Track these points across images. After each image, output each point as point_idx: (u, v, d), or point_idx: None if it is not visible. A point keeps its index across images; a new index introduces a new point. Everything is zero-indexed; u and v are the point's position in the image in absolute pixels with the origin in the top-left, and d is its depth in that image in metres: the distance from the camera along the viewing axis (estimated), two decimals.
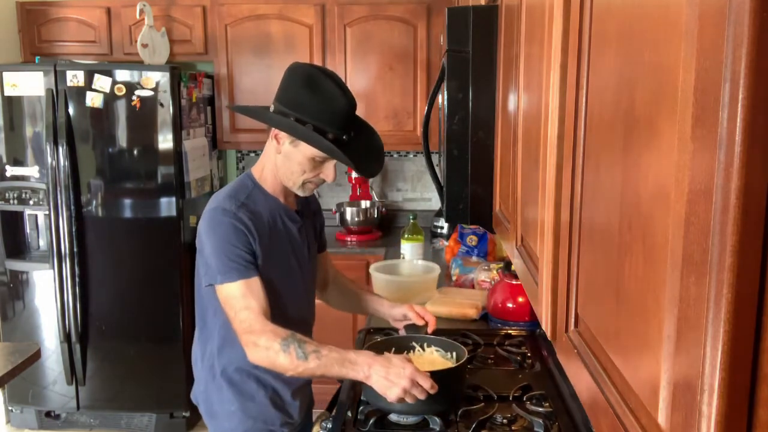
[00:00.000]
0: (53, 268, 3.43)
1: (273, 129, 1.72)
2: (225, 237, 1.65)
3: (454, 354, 1.81)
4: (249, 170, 1.81)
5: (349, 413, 1.70)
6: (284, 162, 1.72)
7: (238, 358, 1.71)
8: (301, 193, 1.77)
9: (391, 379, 1.54)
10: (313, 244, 1.93)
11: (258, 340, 1.60)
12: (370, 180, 4.04)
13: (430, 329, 1.90)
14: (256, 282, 1.65)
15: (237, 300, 1.63)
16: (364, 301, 2.09)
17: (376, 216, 3.84)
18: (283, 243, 1.77)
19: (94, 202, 3.41)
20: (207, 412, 1.85)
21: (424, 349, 1.84)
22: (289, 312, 1.77)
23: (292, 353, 1.57)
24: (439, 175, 2.00)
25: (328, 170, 1.72)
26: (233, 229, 1.65)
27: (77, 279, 3.43)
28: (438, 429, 1.60)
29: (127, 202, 3.42)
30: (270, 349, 1.58)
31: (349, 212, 3.79)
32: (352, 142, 1.70)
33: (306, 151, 1.68)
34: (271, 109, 1.72)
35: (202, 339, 1.84)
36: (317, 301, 2.01)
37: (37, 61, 3.61)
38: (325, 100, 1.66)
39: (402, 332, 1.94)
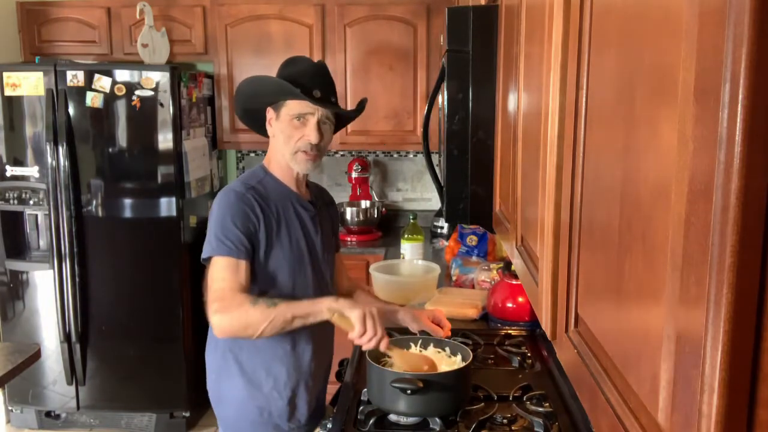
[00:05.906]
0: (53, 268, 3.43)
1: (267, 116, 1.85)
2: (228, 214, 1.73)
3: (457, 355, 1.80)
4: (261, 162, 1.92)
5: (350, 413, 1.70)
6: (277, 139, 1.83)
7: (251, 346, 1.78)
8: (297, 168, 1.84)
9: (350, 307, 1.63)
10: (329, 236, 1.97)
11: (228, 305, 1.65)
12: (370, 180, 4.04)
13: (445, 334, 1.91)
14: (243, 265, 1.72)
15: (218, 272, 1.70)
16: None
17: (376, 216, 3.84)
18: (293, 229, 1.83)
19: (94, 202, 3.41)
20: (215, 397, 1.90)
21: (426, 349, 1.84)
22: (297, 297, 1.80)
23: (261, 305, 1.65)
24: (439, 175, 2.00)
25: (309, 130, 1.78)
26: (237, 209, 1.74)
27: (77, 279, 3.43)
28: (438, 429, 1.60)
29: (127, 202, 3.42)
30: (241, 307, 1.64)
31: (349, 212, 3.79)
32: (323, 101, 1.77)
33: (284, 116, 1.79)
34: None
35: None
36: None
37: (37, 61, 3.61)
38: (295, 64, 1.84)
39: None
